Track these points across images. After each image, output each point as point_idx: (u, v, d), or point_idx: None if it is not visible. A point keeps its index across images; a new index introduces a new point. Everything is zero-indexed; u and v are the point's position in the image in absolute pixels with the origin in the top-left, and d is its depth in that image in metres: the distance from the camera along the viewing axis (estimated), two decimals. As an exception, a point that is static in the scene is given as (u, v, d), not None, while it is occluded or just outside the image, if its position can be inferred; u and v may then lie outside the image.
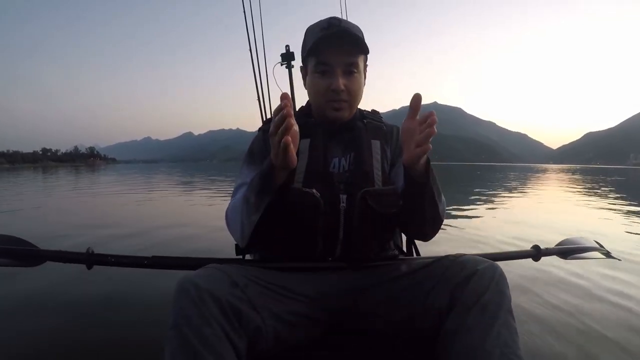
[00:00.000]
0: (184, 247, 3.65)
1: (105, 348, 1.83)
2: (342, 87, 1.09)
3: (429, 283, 0.97)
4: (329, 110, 1.13)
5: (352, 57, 1.10)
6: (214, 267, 0.91)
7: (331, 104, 1.11)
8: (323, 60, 1.10)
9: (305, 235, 1.07)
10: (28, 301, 2.36)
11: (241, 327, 0.83)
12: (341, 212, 1.07)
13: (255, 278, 0.95)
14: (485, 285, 0.88)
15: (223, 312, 0.81)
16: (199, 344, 0.76)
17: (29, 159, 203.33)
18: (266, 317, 0.90)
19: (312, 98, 1.18)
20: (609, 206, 8.42)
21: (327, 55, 1.09)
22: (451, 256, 1.00)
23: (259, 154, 1.17)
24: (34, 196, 10.49)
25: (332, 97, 1.10)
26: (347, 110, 1.14)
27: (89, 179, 21.17)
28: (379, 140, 1.19)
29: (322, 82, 1.11)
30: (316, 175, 1.09)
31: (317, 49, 1.08)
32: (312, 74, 1.13)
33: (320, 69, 1.10)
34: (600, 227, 5.70)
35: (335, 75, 1.09)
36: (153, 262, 1.21)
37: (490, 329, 0.83)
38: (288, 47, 2.28)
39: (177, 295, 0.82)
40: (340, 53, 1.09)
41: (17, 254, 1.27)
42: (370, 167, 1.13)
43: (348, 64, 1.10)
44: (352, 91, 1.11)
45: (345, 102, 1.12)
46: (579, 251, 1.60)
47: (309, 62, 1.13)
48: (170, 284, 0.86)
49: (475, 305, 0.86)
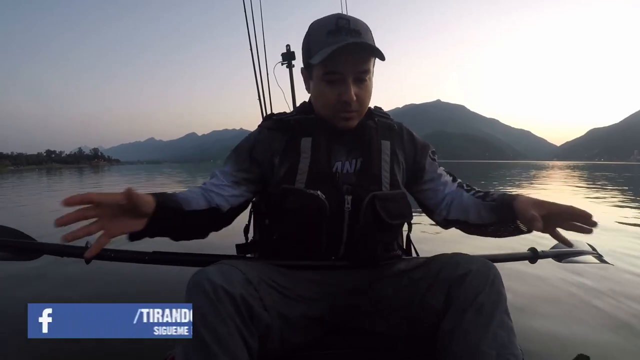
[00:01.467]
0: (184, 243, 3.62)
1: (106, 346, 1.84)
2: (354, 98, 1.01)
3: (425, 282, 0.97)
4: (337, 121, 1.06)
5: (366, 64, 1.01)
6: (227, 263, 0.89)
7: (341, 114, 1.05)
8: (332, 69, 1.00)
9: (309, 236, 1.05)
10: (24, 295, 2.35)
11: (253, 326, 0.83)
12: (346, 213, 1.04)
13: (266, 276, 0.94)
14: (480, 284, 0.87)
15: (237, 310, 0.80)
16: (214, 342, 0.76)
17: (33, 161, 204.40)
18: (274, 317, 0.89)
19: (318, 107, 1.09)
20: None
21: (339, 64, 0.99)
22: (445, 255, 0.99)
23: (242, 153, 1.12)
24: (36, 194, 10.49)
25: (342, 107, 1.03)
26: (357, 120, 1.08)
27: (93, 179, 21.22)
28: (389, 140, 1.15)
29: (330, 91, 1.02)
30: (320, 176, 1.05)
31: (325, 53, 0.97)
32: (318, 81, 1.04)
33: (330, 78, 1.01)
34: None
35: (347, 85, 1.00)
36: (154, 257, 1.19)
37: (487, 330, 0.83)
38: (289, 47, 2.27)
39: (192, 291, 0.81)
40: (354, 62, 1.00)
41: (14, 247, 1.24)
42: (378, 169, 1.09)
43: (360, 71, 1.01)
44: (363, 100, 1.05)
45: (356, 112, 1.06)
46: (574, 254, 1.61)
47: (315, 68, 1.03)
48: (171, 280, 0.84)
49: (470, 306, 0.85)
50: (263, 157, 1.10)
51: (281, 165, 1.08)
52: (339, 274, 1.08)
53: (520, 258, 1.38)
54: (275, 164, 1.09)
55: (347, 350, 1.05)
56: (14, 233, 1.31)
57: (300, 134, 1.10)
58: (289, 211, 1.03)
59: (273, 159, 1.09)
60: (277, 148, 1.10)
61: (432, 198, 1.18)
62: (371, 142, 1.11)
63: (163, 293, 2.33)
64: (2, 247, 1.23)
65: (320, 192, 1.01)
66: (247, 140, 1.15)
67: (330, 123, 1.08)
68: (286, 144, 1.10)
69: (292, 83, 2.42)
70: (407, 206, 1.12)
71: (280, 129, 1.13)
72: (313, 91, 1.09)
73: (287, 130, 1.12)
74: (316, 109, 1.11)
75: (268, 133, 1.13)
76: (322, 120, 1.10)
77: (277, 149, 1.10)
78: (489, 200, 1.05)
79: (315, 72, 1.04)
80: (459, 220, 1.13)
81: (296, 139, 1.09)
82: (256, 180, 1.11)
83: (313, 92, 1.10)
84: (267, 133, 1.13)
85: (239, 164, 1.10)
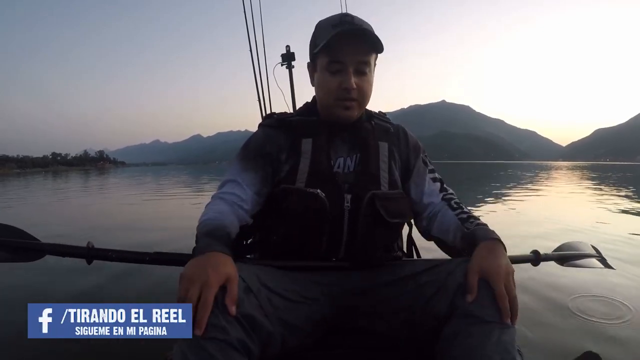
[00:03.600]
0: (185, 243, 3.63)
1: (105, 346, 1.84)
2: (354, 86, 1.07)
3: (432, 287, 0.96)
4: (338, 109, 1.11)
5: (366, 56, 1.09)
6: None
7: (341, 102, 1.10)
8: (336, 58, 1.07)
9: (309, 235, 1.06)
10: (26, 294, 2.36)
11: (255, 334, 0.82)
12: (345, 212, 1.07)
13: (264, 281, 0.93)
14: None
15: (238, 319, 0.79)
16: (214, 350, 0.74)
17: (39, 164, 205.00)
18: (275, 324, 0.89)
19: (321, 96, 1.16)
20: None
21: (341, 53, 1.07)
22: (455, 260, 0.99)
23: (254, 150, 1.15)
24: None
25: (342, 95, 1.09)
26: (357, 110, 1.12)
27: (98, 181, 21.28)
28: (387, 142, 1.18)
29: (333, 80, 1.09)
30: (320, 175, 1.08)
31: (331, 46, 1.06)
32: (322, 71, 1.11)
33: (333, 68, 1.08)
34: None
35: (348, 74, 1.07)
36: (155, 258, 1.19)
37: (491, 334, 0.82)
38: (288, 48, 2.28)
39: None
40: (354, 51, 1.07)
41: (16, 247, 1.24)
42: (376, 169, 1.12)
43: (361, 62, 1.08)
44: (363, 91, 1.10)
45: (356, 101, 1.10)
46: (577, 257, 1.61)
47: (320, 59, 1.11)
48: (173, 281, 0.84)
49: (475, 311, 0.85)
50: (272, 154, 1.13)
51: (284, 164, 1.11)
52: (340, 275, 1.08)
53: (523, 261, 1.37)
54: (282, 160, 1.12)
55: (347, 351, 1.05)
56: (16, 232, 1.30)
57: (301, 135, 1.12)
58: (289, 211, 1.05)
59: (280, 155, 1.13)
60: (283, 145, 1.13)
61: (416, 203, 1.20)
62: (369, 143, 1.15)
63: (164, 293, 2.34)
64: (4, 248, 1.23)
65: (320, 191, 1.03)
66: (254, 141, 1.18)
67: (331, 113, 1.13)
68: (288, 143, 1.13)
69: (291, 84, 2.43)
70: (407, 206, 1.14)
71: (282, 128, 1.16)
72: (317, 81, 1.15)
73: (289, 130, 1.15)
74: (319, 99, 1.17)
75: (271, 131, 1.16)
76: (323, 121, 1.14)
77: (282, 146, 1.14)
78: (466, 227, 1.06)
79: (319, 62, 1.11)
80: (440, 239, 1.17)
81: (297, 139, 1.12)
82: (271, 180, 1.13)
83: (317, 82, 1.15)
84: (270, 131, 1.16)
85: (255, 168, 1.12)
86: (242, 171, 1.12)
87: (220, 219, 0.99)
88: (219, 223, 0.97)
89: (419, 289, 0.99)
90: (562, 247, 1.70)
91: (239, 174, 1.11)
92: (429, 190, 1.20)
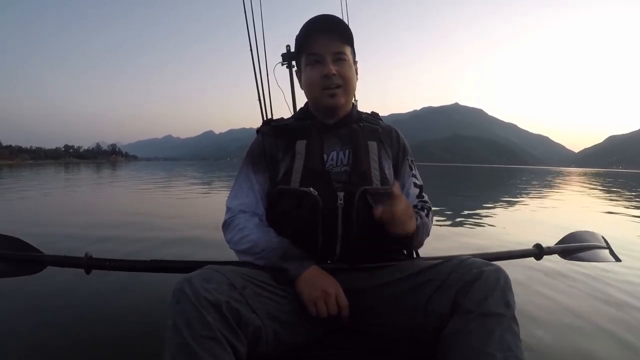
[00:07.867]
0: (181, 250, 3.51)
1: (104, 346, 1.84)
2: (333, 72, 1.14)
3: (432, 286, 0.96)
4: (324, 99, 1.17)
5: (339, 47, 1.17)
6: (211, 268, 0.91)
7: (326, 91, 1.16)
8: (312, 51, 1.16)
9: (305, 233, 1.09)
10: (27, 304, 2.36)
11: (241, 330, 0.84)
12: (339, 209, 1.09)
13: (253, 279, 0.95)
14: (489, 289, 0.86)
15: (222, 315, 0.81)
16: (199, 347, 0.77)
17: (51, 155, 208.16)
18: (264, 319, 0.90)
19: (309, 91, 1.22)
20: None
21: (315, 45, 1.16)
22: (456, 259, 0.99)
23: (258, 155, 1.22)
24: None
25: (325, 83, 1.16)
26: (343, 97, 1.18)
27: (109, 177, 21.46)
28: (376, 141, 1.23)
29: (314, 72, 1.16)
30: (313, 174, 1.12)
31: (306, 42, 1.17)
32: (304, 68, 1.20)
33: (312, 60, 1.17)
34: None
35: (326, 63, 1.15)
36: (151, 266, 1.22)
37: (493, 332, 0.82)
38: (289, 47, 2.28)
39: (176, 299, 0.82)
40: (327, 43, 1.15)
41: (19, 260, 1.28)
42: (367, 166, 1.16)
43: (336, 52, 1.16)
44: (344, 76, 1.17)
45: (340, 87, 1.17)
46: (582, 250, 1.55)
47: (301, 60, 1.21)
48: (170, 288, 0.85)
49: (477, 310, 0.85)
50: (272, 157, 1.20)
51: (281, 166, 1.17)
52: (339, 275, 1.07)
53: (525, 255, 1.36)
54: (279, 162, 1.18)
55: (348, 351, 1.05)
56: (16, 243, 1.33)
57: (295, 138, 1.18)
58: (284, 210, 1.10)
59: (278, 157, 1.19)
60: (280, 148, 1.20)
61: None
62: (359, 142, 1.19)
63: (160, 301, 2.32)
64: (6, 261, 1.26)
65: (313, 189, 1.07)
66: (256, 146, 1.24)
67: (320, 105, 1.20)
68: (284, 146, 1.18)
69: (292, 83, 2.44)
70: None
71: (278, 135, 1.22)
72: (303, 81, 1.22)
73: (285, 134, 1.21)
74: (308, 97, 1.24)
75: (268, 136, 1.23)
76: (316, 122, 1.21)
77: (279, 149, 1.20)
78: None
79: (302, 63, 1.21)
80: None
81: (292, 142, 1.18)
82: (272, 181, 1.19)
83: (303, 81, 1.22)
84: (268, 136, 1.23)
85: (263, 170, 1.20)
86: (253, 173, 1.20)
87: (269, 233, 1.10)
88: (278, 239, 1.08)
89: (419, 288, 0.98)
90: (567, 238, 1.63)
91: (253, 176, 1.20)
92: (407, 192, 1.25)
